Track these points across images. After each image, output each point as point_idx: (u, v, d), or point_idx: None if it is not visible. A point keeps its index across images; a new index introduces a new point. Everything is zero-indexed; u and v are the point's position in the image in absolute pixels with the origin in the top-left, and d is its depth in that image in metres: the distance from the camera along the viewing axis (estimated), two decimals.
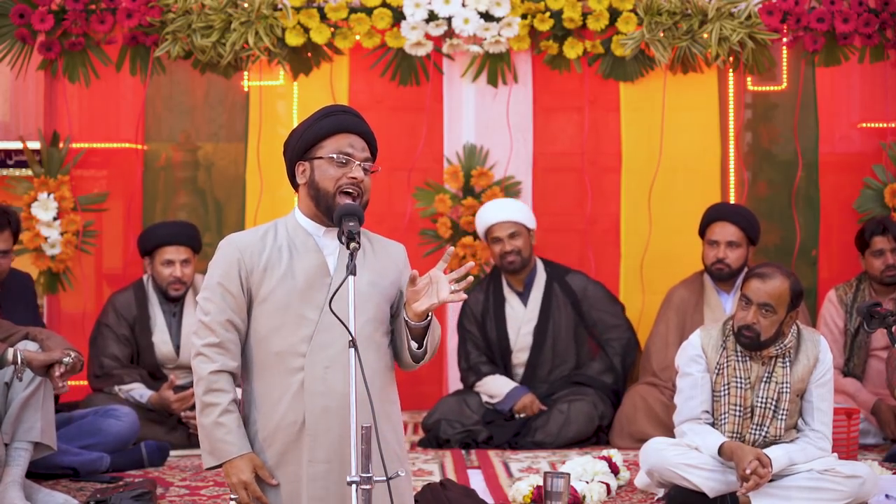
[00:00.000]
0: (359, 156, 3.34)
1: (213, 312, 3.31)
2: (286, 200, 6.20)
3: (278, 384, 3.29)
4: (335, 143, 3.34)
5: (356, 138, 3.36)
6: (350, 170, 3.32)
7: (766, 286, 4.24)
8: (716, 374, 4.36)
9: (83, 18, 6.02)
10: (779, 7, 5.99)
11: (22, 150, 6.17)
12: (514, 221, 5.78)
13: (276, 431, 3.28)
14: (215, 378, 3.31)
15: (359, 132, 3.37)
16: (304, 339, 3.25)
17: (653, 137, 6.22)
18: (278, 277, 3.30)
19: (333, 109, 3.44)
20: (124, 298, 5.70)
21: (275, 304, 3.29)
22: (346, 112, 3.42)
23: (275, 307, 3.29)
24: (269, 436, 3.30)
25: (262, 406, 3.31)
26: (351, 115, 3.41)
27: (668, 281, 5.94)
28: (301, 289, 3.28)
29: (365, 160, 3.35)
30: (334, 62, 6.16)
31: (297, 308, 3.28)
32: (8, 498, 4.23)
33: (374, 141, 3.41)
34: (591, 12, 6.03)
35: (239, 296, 3.31)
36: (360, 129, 3.38)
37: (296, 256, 3.32)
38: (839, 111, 6.49)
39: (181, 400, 5.43)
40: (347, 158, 3.33)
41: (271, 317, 3.30)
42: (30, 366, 4.27)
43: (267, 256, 3.32)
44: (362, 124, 3.40)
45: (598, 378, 5.84)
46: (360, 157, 3.34)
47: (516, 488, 4.51)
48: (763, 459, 4.17)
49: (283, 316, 3.28)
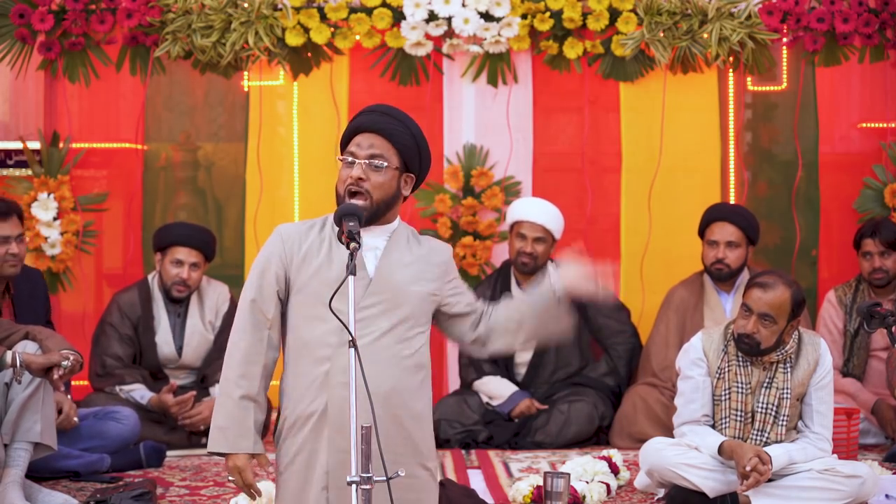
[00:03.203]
0: (361, 154, 3.32)
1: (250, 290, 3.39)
2: (286, 200, 6.21)
3: (307, 373, 3.31)
4: (350, 145, 3.35)
5: (365, 136, 3.34)
6: (352, 169, 3.31)
7: (766, 296, 4.23)
8: (717, 379, 4.35)
9: (83, 18, 6.02)
10: (779, 7, 5.99)
11: (22, 150, 6.17)
12: (546, 228, 5.78)
13: (301, 419, 3.31)
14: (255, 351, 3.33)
15: (372, 129, 3.34)
16: (334, 330, 3.24)
17: (653, 137, 6.22)
18: (315, 268, 3.32)
19: (360, 111, 3.44)
20: (129, 297, 5.70)
21: (309, 294, 3.31)
22: (368, 112, 3.41)
23: (309, 297, 3.31)
24: (294, 423, 3.32)
25: (291, 394, 3.34)
26: (370, 114, 3.39)
27: (668, 281, 5.94)
28: (336, 280, 3.27)
29: (369, 157, 3.31)
30: (334, 62, 6.15)
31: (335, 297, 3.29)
32: (8, 498, 4.23)
33: (396, 135, 3.34)
34: (591, 12, 6.03)
35: (271, 284, 3.34)
36: (374, 127, 3.34)
37: (335, 249, 3.33)
38: (839, 111, 6.49)
39: (180, 403, 5.43)
40: (351, 158, 3.33)
41: (305, 306, 3.32)
42: (28, 368, 4.27)
43: (308, 247, 3.34)
44: (377, 120, 3.36)
45: (600, 380, 5.84)
46: (363, 154, 3.32)
47: (516, 488, 4.51)
48: (763, 457, 4.17)
49: (316, 306, 3.28)
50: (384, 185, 3.33)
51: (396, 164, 3.35)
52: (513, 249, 5.85)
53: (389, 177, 3.33)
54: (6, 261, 4.87)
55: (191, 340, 5.67)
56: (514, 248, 5.83)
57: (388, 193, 3.34)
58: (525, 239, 5.78)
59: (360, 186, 3.30)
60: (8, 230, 4.87)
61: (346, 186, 3.31)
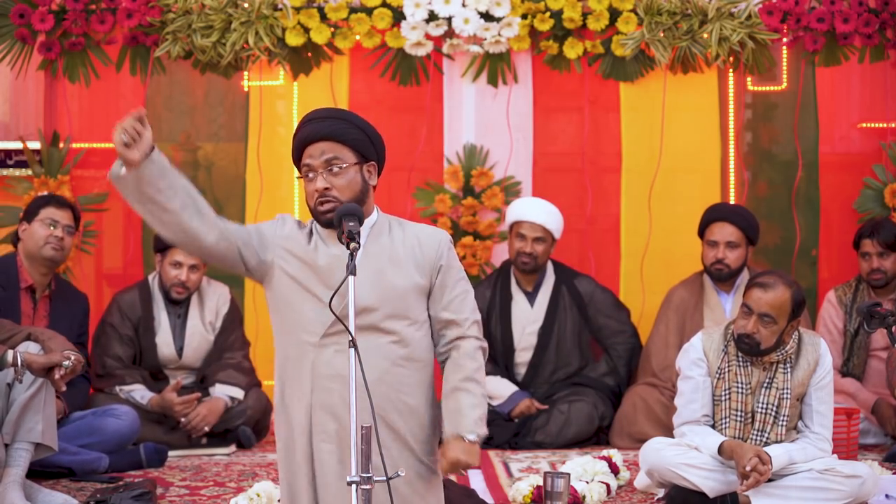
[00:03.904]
0: (317, 164, 3.31)
1: None
2: (286, 200, 6.21)
3: (296, 355, 3.33)
4: (304, 159, 3.34)
5: (314, 147, 3.32)
6: (315, 183, 3.31)
7: (766, 296, 4.23)
8: (717, 379, 4.35)
9: (83, 18, 6.02)
10: (779, 7, 5.99)
11: (22, 150, 6.17)
12: (545, 227, 5.79)
13: (292, 397, 3.33)
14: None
15: (317, 138, 3.32)
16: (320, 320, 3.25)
17: (653, 137, 6.22)
18: (300, 253, 3.33)
19: (299, 125, 3.40)
20: (129, 298, 5.70)
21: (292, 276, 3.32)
22: (307, 123, 3.37)
23: (292, 280, 3.32)
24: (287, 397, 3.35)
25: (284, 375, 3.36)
26: (310, 124, 3.35)
27: (668, 281, 5.94)
28: (323, 270, 3.29)
29: (326, 164, 3.30)
30: (334, 62, 6.16)
31: (316, 288, 3.29)
32: (8, 498, 4.23)
33: (341, 132, 3.32)
34: (591, 12, 6.03)
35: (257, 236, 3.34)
36: (318, 135, 3.32)
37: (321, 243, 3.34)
38: (839, 111, 6.49)
39: (185, 404, 5.43)
40: (310, 173, 3.32)
41: (289, 289, 3.33)
42: (30, 368, 4.28)
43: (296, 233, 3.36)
44: (318, 128, 3.33)
45: (601, 380, 5.84)
46: (319, 164, 3.31)
47: (516, 488, 4.51)
48: (763, 457, 4.17)
49: (301, 292, 3.30)
50: (350, 184, 3.32)
51: (354, 159, 3.33)
52: (513, 249, 5.85)
53: (352, 174, 3.33)
54: (49, 242, 5.17)
55: (191, 341, 5.67)
56: (513, 248, 5.84)
57: (357, 190, 3.33)
58: (525, 239, 5.79)
59: (328, 196, 3.29)
60: (60, 216, 5.23)
61: (315, 201, 3.32)
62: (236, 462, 5.30)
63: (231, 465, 5.22)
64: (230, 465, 5.24)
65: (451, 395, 3.32)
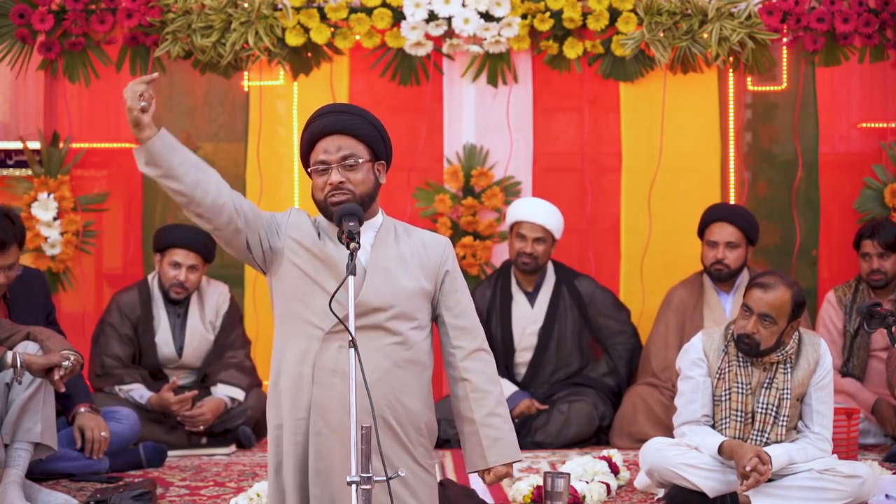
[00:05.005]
0: (333, 158, 3.34)
1: None
2: (286, 200, 6.20)
3: (297, 347, 3.33)
4: (316, 152, 3.37)
5: (330, 140, 3.35)
6: (329, 176, 3.32)
7: (767, 296, 4.23)
8: (717, 379, 4.35)
9: (83, 18, 6.02)
10: (779, 7, 5.99)
11: (22, 150, 6.17)
12: (546, 228, 5.78)
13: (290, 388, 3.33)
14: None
15: (334, 131, 3.35)
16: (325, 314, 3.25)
17: (653, 137, 6.22)
18: (311, 245, 3.34)
19: (312, 117, 3.43)
20: (128, 298, 5.70)
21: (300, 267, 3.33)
22: (323, 115, 3.40)
23: (300, 271, 3.33)
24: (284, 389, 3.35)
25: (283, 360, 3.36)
26: (327, 116, 3.39)
27: (668, 281, 5.94)
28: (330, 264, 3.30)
29: (342, 159, 3.33)
30: (334, 62, 6.16)
31: (327, 282, 3.30)
32: (8, 498, 4.23)
33: (359, 129, 3.36)
34: (591, 12, 6.03)
35: (271, 223, 3.38)
36: (335, 128, 3.35)
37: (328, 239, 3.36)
38: (839, 111, 6.49)
39: (181, 402, 5.43)
40: (324, 166, 3.33)
41: (299, 279, 3.33)
42: (29, 369, 4.27)
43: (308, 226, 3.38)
44: (337, 121, 3.37)
45: (601, 380, 5.84)
46: (336, 158, 3.34)
47: (516, 488, 4.51)
48: (763, 457, 4.17)
49: (311, 283, 3.31)
50: (364, 180, 3.35)
51: (368, 156, 3.37)
52: (513, 249, 5.85)
53: (366, 171, 3.36)
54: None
55: (191, 341, 5.67)
56: (514, 249, 5.84)
57: (370, 187, 3.37)
58: (525, 239, 5.79)
59: (343, 188, 3.31)
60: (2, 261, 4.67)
61: (327, 193, 3.32)
62: (236, 462, 5.30)
63: (231, 465, 5.22)
64: (230, 465, 5.24)
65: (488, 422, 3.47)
